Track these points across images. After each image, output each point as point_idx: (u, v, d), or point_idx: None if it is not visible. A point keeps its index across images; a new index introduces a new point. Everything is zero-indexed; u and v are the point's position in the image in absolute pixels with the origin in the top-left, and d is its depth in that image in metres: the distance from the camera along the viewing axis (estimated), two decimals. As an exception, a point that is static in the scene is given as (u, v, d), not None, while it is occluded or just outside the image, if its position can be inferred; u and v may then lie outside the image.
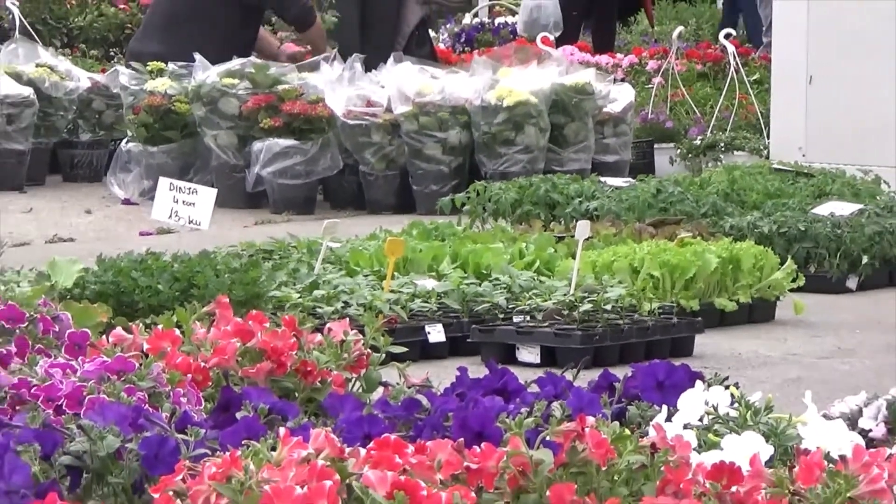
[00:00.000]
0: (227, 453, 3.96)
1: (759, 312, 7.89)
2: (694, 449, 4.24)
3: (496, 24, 16.32)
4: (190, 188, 8.06)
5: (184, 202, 7.92)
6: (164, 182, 8.25)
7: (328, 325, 5.56)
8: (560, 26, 14.86)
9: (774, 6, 11.83)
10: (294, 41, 13.26)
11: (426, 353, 6.90)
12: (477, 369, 5.30)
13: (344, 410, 4.74)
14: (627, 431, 4.32)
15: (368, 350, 5.44)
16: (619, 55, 14.00)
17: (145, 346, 5.33)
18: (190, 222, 7.91)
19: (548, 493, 3.94)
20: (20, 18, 14.10)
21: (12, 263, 7.55)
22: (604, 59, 13.33)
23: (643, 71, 12.90)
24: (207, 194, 7.94)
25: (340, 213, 10.38)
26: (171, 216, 7.96)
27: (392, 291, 7.29)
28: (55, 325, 5.54)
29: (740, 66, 12.16)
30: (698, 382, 4.79)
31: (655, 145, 11.79)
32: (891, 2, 10.78)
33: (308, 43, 12.10)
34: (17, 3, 14.89)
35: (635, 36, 16.74)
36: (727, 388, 4.68)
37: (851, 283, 8.60)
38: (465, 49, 14.69)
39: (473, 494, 3.91)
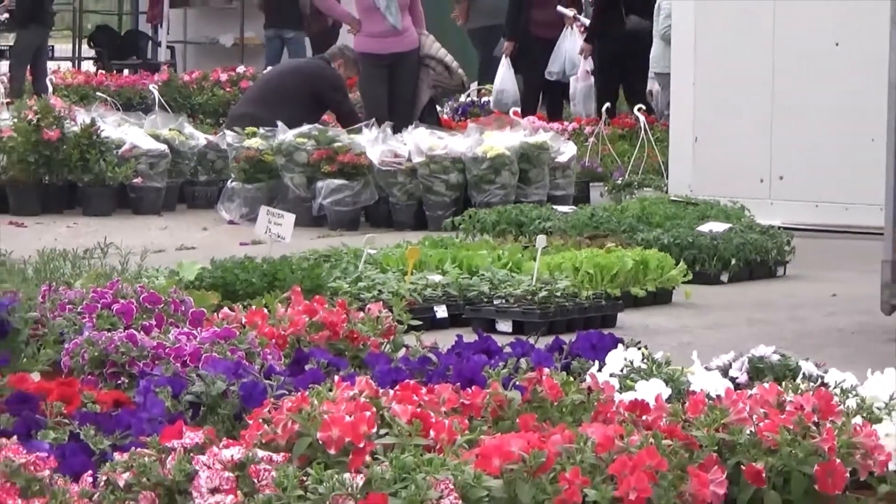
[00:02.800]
0: (299, 393, 3.96)
1: (660, 297, 7.87)
2: (617, 390, 4.24)
3: (482, 102, 16.27)
4: (280, 213, 8.09)
5: (275, 223, 7.95)
6: (263, 209, 8.29)
7: (368, 306, 5.55)
8: (518, 104, 14.87)
9: (672, 90, 11.83)
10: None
11: (434, 325, 6.87)
12: (469, 336, 5.28)
13: (378, 364, 4.74)
14: (571, 379, 4.32)
15: (395, 323, 5.43)
16: (565, 122, 13.94)
17: (243, 321, 5.34)
18: (278, 236, 7.93)
19: (517, 420, 3.94)
20: (159, 98, 14.13)
21: (153, 264, 7.55)
22: (555, 125, 13.27)
23: (582, 133, 12.84)
24: (290, 218, 7.98)
25: (376, 230, 10.35)
26: (266, 232, 7.98)
27: (411, 283, 7.29)
28: (182, 306, 5.54)
29: (648, 130, 12.14)
30: (619, 345, 4.78)
31: (590, 184, 11.75)
32: (751, 86, 10.78)
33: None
34: (157, 87, 14.93)
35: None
36: (639, 349, 4.67)
37: (724, 277, 8.60)
38: (461, 118, 14.63)
39: (466, 421, 3.90)
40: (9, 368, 4.83)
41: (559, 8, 15.37)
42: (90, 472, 3.63)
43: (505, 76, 15.38)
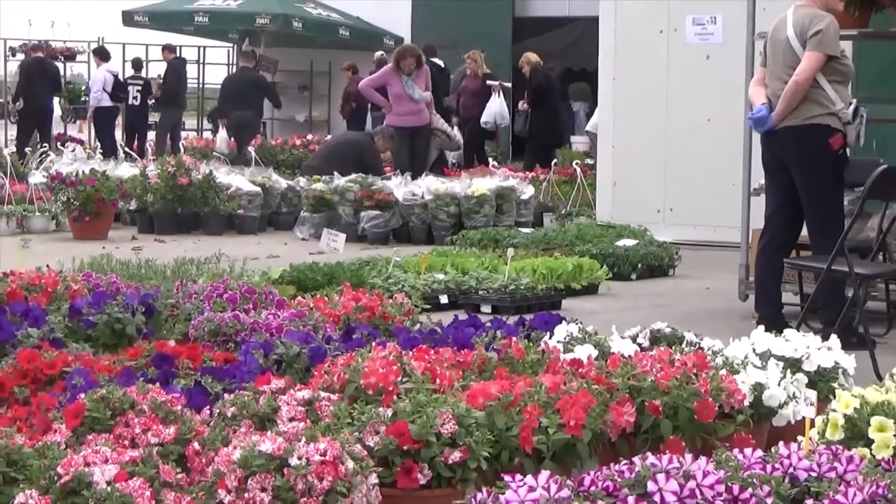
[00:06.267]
0: (348, 354, 3.96)
1: (590, 290, 7.86)
2: (562, 352, 4.24)
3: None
4: (336, 233, 8.12)
5: (332, 240, 7.96)
6: (325, 230, 8.36)
7: (395, 295, 5.56)
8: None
9: (598, 149, 11.82)
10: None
11: (439, 308, 6.86)
12: (462, 315, 5.28)
13: (401, 334, 4.74)
14: (531, 344, 4.31)
15: (413, 306, 5.43)
16: (527, 172, 13.90)
17: (311, 305, 5.34)
18: (335, 249, 7.95)
19: (495, 372, 3.94)
20: (255, 156, 14.12)
21: (250, 268, 7.56)
22: (520, 174, 13.24)
23: (538, 180, 12.80)
24: (342, 237, 8.02)
25: (400, 245, 10.31)
26: (326, 246, 8.00)
27: (424, 280, 7.29)
28: (270, 295, 5.54)
29: (582, 177, 12.12)
30: (563, 322, 4.78)
31: (544, 214, 11.73)
32: (652, 147, 10.80)
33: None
34: (253, 149, 14.92)
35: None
36: (577, 324, 4.67)
37: (633, 276, 8.59)
38: (457, 169, 14.59)
39: (461, 373, 3.90)
40: (154, 337, 4.84)
41: (488, 81, 15.55)
42: (208, 406, 3.63)
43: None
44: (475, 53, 15.62)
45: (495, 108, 15.53)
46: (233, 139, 15.87)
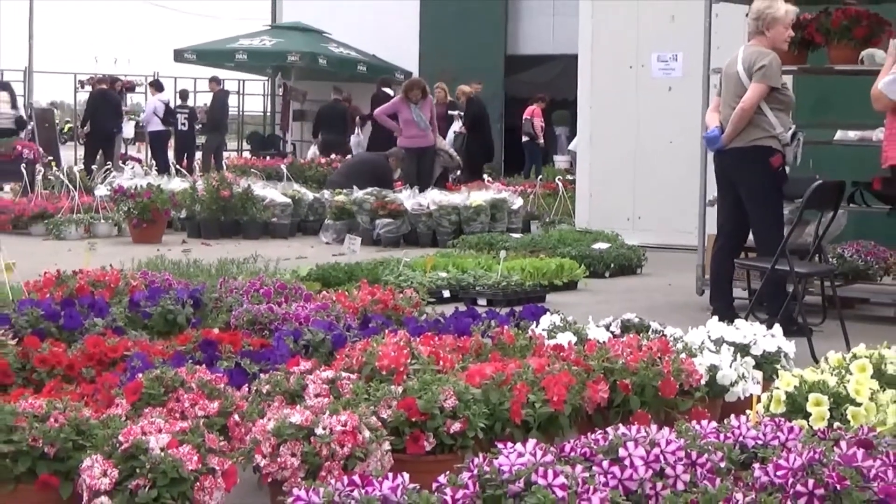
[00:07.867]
0: (365, 340, 3.96)
1: (570, 286, 7.85)
2: (546, 339, 4.23)
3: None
4: (355, 238, 8.10)
5: (352, 243, 7.95)
6: (348, 236, 8.33)
7: (405, 290, 5.55)
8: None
9: (577, 166, 11.81)
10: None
11: (442, 301, 6.86)
12: (461, 307, 5.27)
13: (410, 324, 4.74)
14: (520, 332, 4.31)
15: (420, 300, 5.43)
16: (517, 186, 13.87)
17: (334, 298, 5.33)
18: (354, 251, 7.93)
19: (489, 355, 3.94)
20: (286, 173, 14.10)
21: (283, 267, 7.55)
22: (511, 188, 13.22)
23: (526, 193, 12.78)
24: (359, 240, 8.00)
25: (409, 248, 10.33)
26: (347, 248, 7.98)
27: (429, 277, 7.28)
28: (299, 290, 5.54)
29: (563, 189, 12.11)
30: (547, 313, 4.77)
31: (531, 221, 11.72)
32: (623, 165, 10.79)
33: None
34: (285, 167, 14.89)
35: (523, 178, 16.58)
36: (559, 315, 4.67)
37: (607, 274, 8.59)
38: (457, 183, 14.56)
39: (460, 356, 3.90)
40: (201, 326, 4.84)
41: (450, 111, 15.57)
42: (246, 385, 3.64)
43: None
44: (442, 84, 15.80)
45: (455, 132, 15.68)
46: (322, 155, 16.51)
